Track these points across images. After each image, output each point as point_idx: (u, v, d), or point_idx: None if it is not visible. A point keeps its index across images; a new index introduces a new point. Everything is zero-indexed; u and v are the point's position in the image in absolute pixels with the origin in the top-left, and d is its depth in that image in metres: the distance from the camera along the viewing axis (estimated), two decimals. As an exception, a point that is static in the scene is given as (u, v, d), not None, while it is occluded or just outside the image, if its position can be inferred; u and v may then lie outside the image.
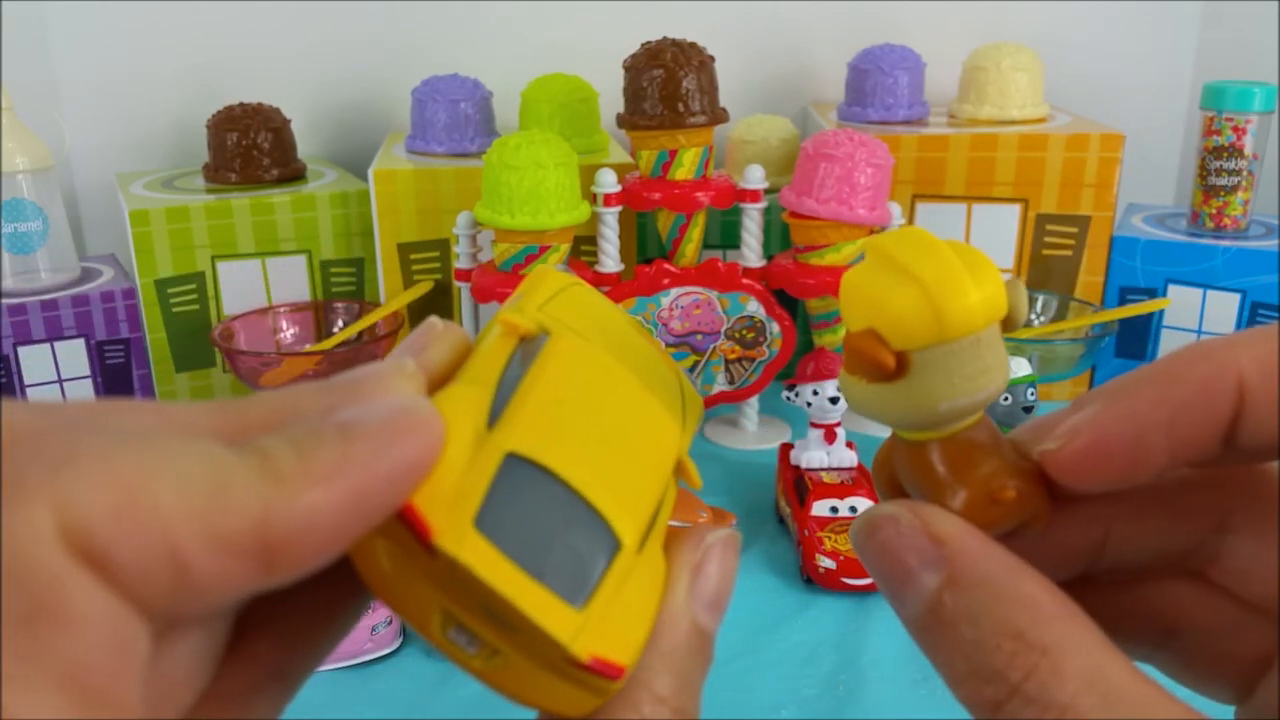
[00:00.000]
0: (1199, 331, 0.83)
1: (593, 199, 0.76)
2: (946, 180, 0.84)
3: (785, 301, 0.78)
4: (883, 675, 0.54)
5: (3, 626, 0.13)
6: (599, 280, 0.78)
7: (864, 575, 0.60)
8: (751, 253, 0.78)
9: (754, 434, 0.81)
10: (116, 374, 0.82)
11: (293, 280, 0.86)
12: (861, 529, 0.19)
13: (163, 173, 0.93)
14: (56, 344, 0.79)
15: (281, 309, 0.85)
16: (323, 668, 0.55)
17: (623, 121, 0.76)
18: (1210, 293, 0.82)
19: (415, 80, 0.88)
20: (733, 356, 0.79)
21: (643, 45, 0.75)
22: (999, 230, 0.84)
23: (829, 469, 0.67)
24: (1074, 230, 0.84)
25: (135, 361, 0.82)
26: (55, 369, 0.80)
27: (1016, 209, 0.84)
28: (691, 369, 0.79)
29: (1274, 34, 0.98)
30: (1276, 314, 0.81)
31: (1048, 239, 0.85)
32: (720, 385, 0.80)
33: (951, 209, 0.84)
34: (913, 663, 0.55)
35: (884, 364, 0.19)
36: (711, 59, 0.75)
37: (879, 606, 0.60)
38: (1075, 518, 0.21)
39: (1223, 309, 0.82)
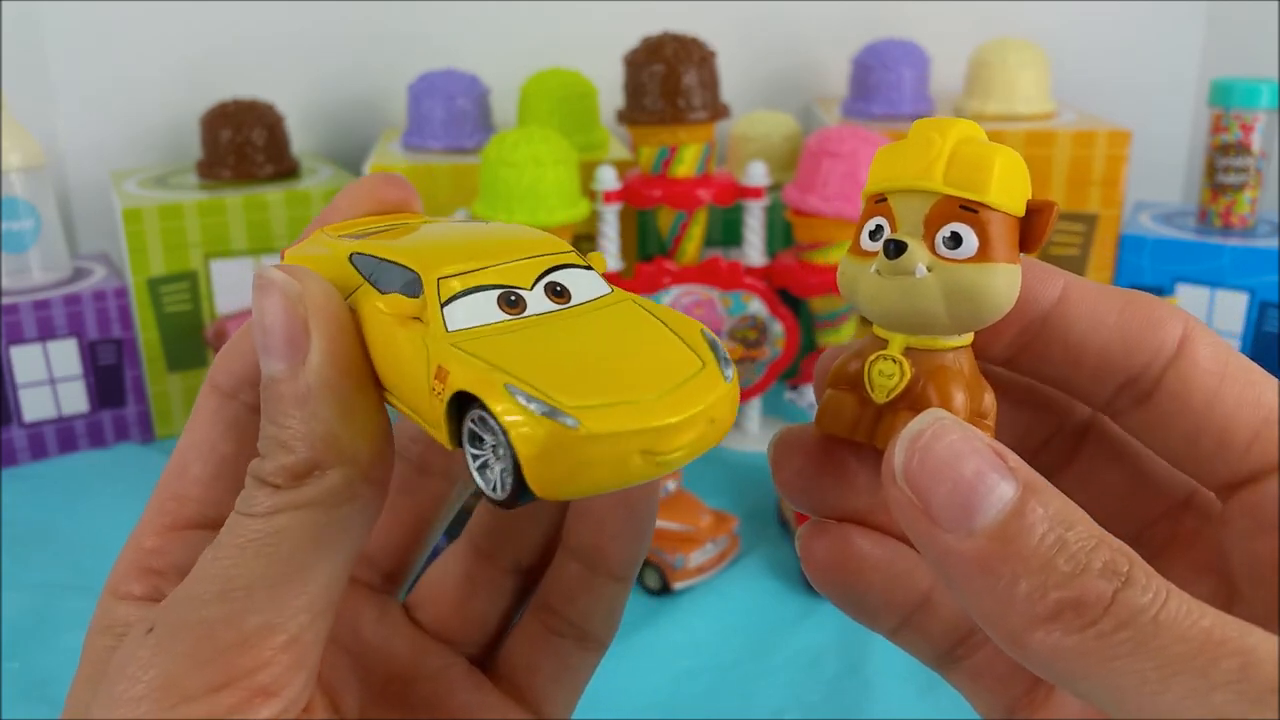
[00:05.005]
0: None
1: (592, 196, 0.75)
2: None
3: (788, 300, 0.77)
4: (887, 682, 0.54)
5: None
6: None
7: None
8: (754, 251, 0.77)
9: (756, 436, 0.80)
10: (108, 374, 0.81)
11: (287, 279, 0.85)
12: (925, 433, 0.17)
13: (156, 170, 0.92)
14: (49, 344, 0.78)
15: (276, 308, 0.84)
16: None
17: (623, 117, 0.75)
18: (1218, 292, 0.81)
19: (411, 75, 0.87)
20: (735, 357, 0.78)
21: (643, 40, 0.74)
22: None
23: (833, 471, 0.66)
24: (1081, 229, 0.83)
25: (127, 361, 0.81)
26: (47, 369, 0.79)
27: (1022, 206, 0.83)
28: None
29: (1282, 29, 0.98)
30: (1286, 313, 0.80)
31: (1055, 237, 0.84)
32: (722, 385, 0.78)
33: (956, 206, 0.83)
34: (918, 670, 0.54)
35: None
36: (713, 54, 0.74)
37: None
38: None
39: (1231, 308, 0.81)
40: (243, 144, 0.86)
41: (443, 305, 0.18)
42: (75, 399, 0.80)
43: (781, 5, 1.01)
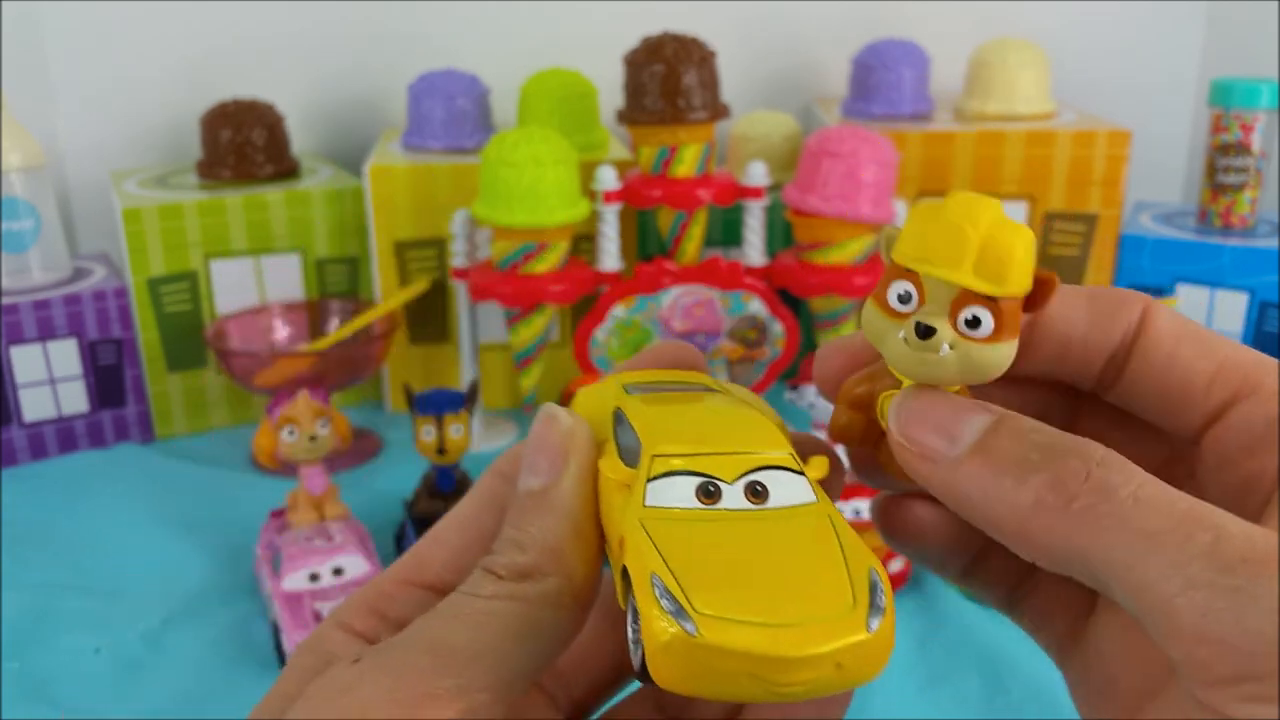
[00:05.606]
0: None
1: (592, 196, 0.75)
2: (952, 177, 0.83)
3: (788, 300, 0.77)
4: (887, 681, 0.53)
5: None
6: (598, 279, 0.77)
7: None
8: (754, 251, 0.77)
9: (756, 435, 0.80)
10: (108, 375, 0.81)
11: (287, 279, 0.85)
12: (906, 398, 0.20)
13: (156, 170, 0.92)
14: (49, 344, 0.78)
15: (275, 308, 0.84)
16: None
17: (623, 117, 0.75)
18: (1218, 292, 0.81)
19: (412, 75, 0.87)
20: (735, 357, 0.78)
21: (643, 40, 0.74)
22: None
23: (833, 471, 0.66)
24: (1081, 229, 0.83)
25: (127, 361, 0.81)
26: (47, 369, 0.79)
27: (1023, 206, 0.83)
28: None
29: (1282, 29, 0.97)
30: (1286, 313, 0.80)
31: (1055, 237, 0.84)
32: (722, 385, 0.78)
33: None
34: (918, 668, 0.55)
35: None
36: (713, 54, 0.74)
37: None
38: None
39: (1231, 308, 0.81)
40: (243, 144, 0.86)
41: (648, 481, 0.20)
42: (75, 399, 0.80)
43: (781, 5, 1.01)
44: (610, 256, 0.76)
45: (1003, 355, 0.20)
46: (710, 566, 0.19)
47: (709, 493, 0.20)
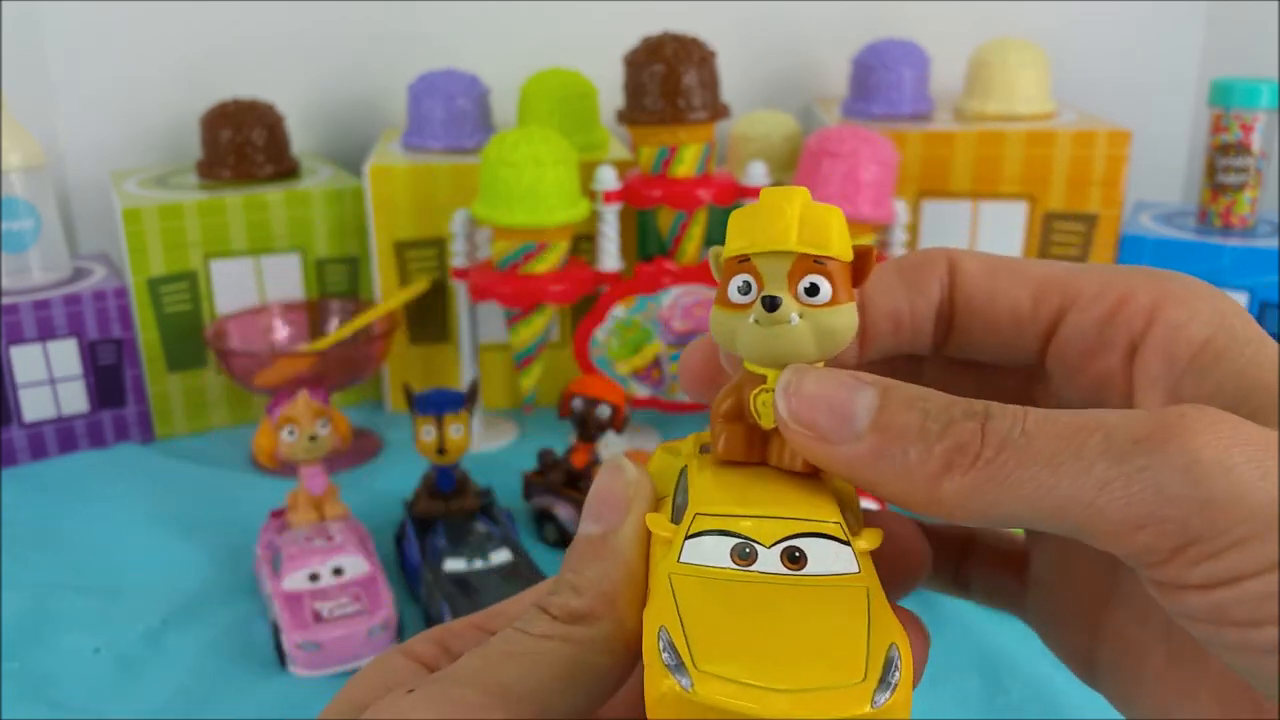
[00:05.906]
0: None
1: (592, 196, 0.75)
2: (952, 177, 0.83)
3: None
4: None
5: None
6: (598, 279, 0.77)
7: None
8: (753, 251, 0.77)
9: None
10: (108, 374, 0.81)
11: (287, 279, 0.85)
12: (792, 382, 0.20)
13: (156, 170, 0.92)
14: (49, 344, 0.78)
15: (275, 308, 0.84)
16: (324, 672, 0.54)
17: (623, 117, 0.75)
18: (1218, 292, 0.81)
19: (412, 75, 0.87)
20: (734, 356, 0.78)
21: (643, 40, 0.74)
22: (1005, 229, 0.83)
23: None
24: (1081, 229, 0.83)
25: (127, 361, 0.81)
26: (47, 369, 0.79)
27: (1023, 207, 0.83)
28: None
29: (1282, 30, 0.98)
30: (1286, 313, 0.80)
31: (1055, 237, 0.84)
32: (721, 385, 0.78)
33: (957, 207, 0.83)
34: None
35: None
36: (713, 54, 0.74)
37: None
38: None
39: (1231, 308, 0.81)
40: (243, 144, 0.86)
41: (686, 537, 0.21)
42: (75, 399, 0.80)
43: (781, 5, 1.01)
44: (610, 256, 0.76)
45: (848, 317, 0.21)
46: (725, 627, 0.19)
47: (744, 555, 0.20)
